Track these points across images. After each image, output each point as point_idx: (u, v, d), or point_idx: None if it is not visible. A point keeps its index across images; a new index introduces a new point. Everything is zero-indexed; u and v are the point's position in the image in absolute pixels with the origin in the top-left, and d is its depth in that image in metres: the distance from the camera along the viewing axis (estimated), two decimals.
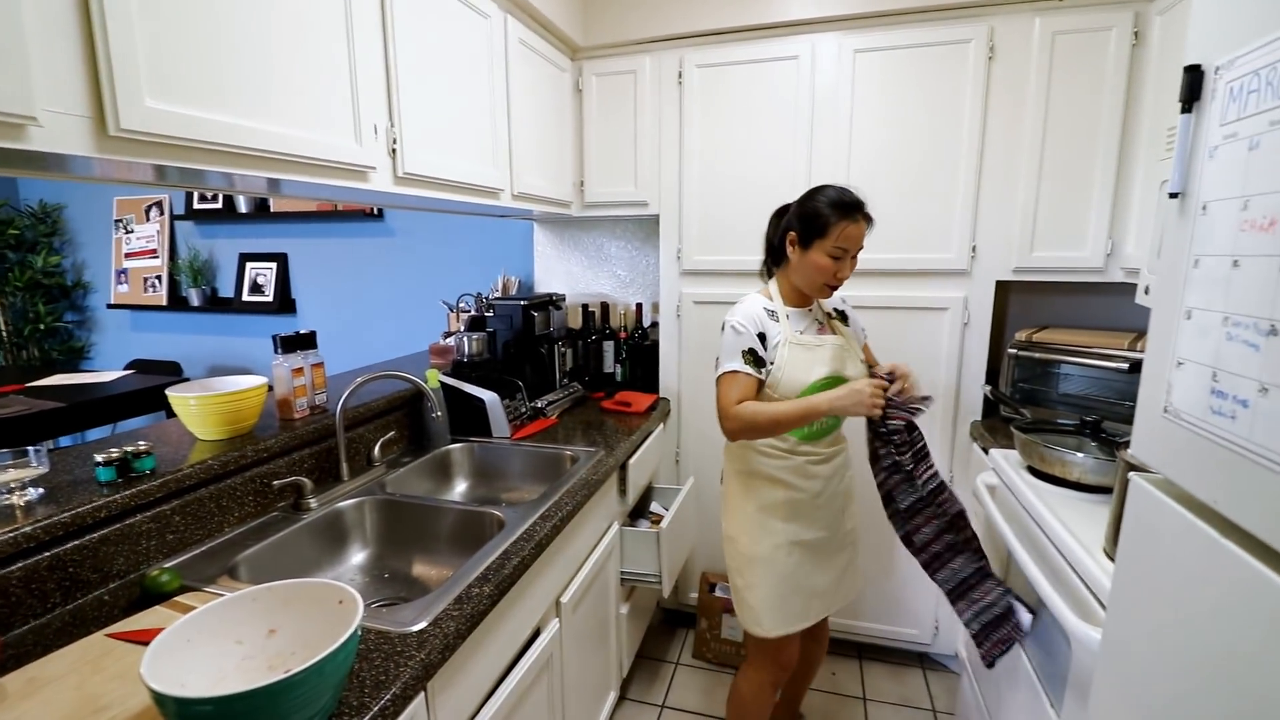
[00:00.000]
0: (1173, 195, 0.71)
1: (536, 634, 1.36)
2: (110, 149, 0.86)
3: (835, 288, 1.46)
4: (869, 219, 1.42)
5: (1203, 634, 0.64)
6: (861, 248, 1.43)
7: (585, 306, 2.50)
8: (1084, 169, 1.81)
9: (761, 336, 1.45)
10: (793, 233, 1.45)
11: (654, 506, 2.21)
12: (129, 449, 1.16)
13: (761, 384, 1.45)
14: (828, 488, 1.54)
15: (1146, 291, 1.48)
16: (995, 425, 1.97)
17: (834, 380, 1.45)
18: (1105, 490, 1.38)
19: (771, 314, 1.48)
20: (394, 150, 1.36)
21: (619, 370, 2.43)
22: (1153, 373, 0.76)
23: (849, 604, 1.67)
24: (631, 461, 1.93)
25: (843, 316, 1.61)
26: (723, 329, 1.48)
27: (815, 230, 1.41)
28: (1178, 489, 0.71)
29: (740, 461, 1.57)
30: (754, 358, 1.44)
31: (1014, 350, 1.95)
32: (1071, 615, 1.09)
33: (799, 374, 1.44)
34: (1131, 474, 0.80)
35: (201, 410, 1.33)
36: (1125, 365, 1.71)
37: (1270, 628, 0.55)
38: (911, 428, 1.40)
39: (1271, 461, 0.55)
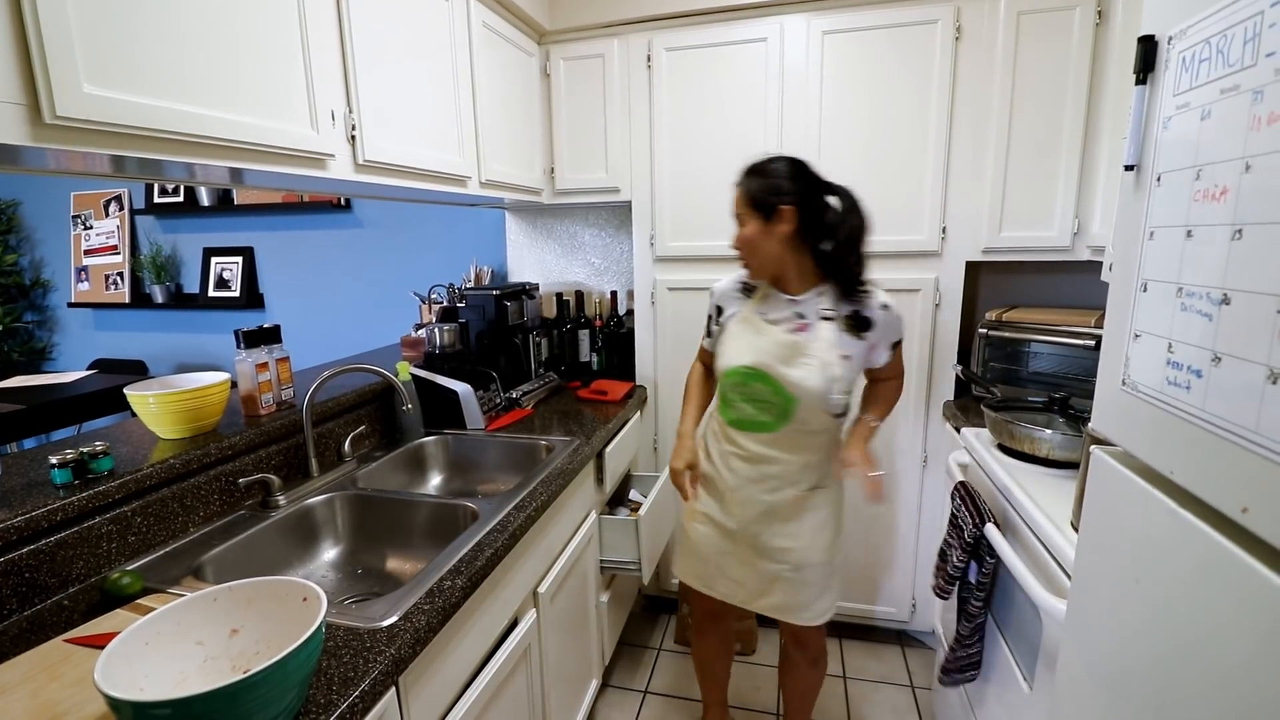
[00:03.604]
0: (1128, 168, 0.72)
1: (514, 625, 1.35)
2: (47, 138, 0.83)
3: (739, 259, 1.44)
4: (738, 183, 1.39)
5: (1163, 604, 0.65)
6: (735, 214, 1.40)
7: (560, 295, 2.47)
8: (1050, 148, 1.82)
9: (719, 309, 1.54)
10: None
11: (633, 494, 2.20)
12: (85, 450, 1.12)
13: (710, 354, 1.58)
14: (743, 490, 1.48)
15: (1111, 269, 1.49)
16: (967, 404, 1.99)
17: (752, 373, 1.39)
18: (1073, 465, 1.40)
19: (746, 289, 1.50)
20: (353, 137, 1.32)
21: (595, 359, 2.41)
22: (1111, 346, 0.76)
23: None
24: (608, 450, 1.92)
25: (862, 323, 1.37)
26: None
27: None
28: (1137, 461, 0.72)
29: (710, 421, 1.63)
30: (708, 327, 1.60)
31: (984, 330, 1.97)
32: (1040, 588, 1.10)
33: (726, 353, 1.46)
34: (1092, 447, 0.81)
35: (161, 408, 1.29)
36: (1091, 342, 1.73)
37: (1227, 596, 0.56)
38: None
39: (1224, 431, 0.56)
